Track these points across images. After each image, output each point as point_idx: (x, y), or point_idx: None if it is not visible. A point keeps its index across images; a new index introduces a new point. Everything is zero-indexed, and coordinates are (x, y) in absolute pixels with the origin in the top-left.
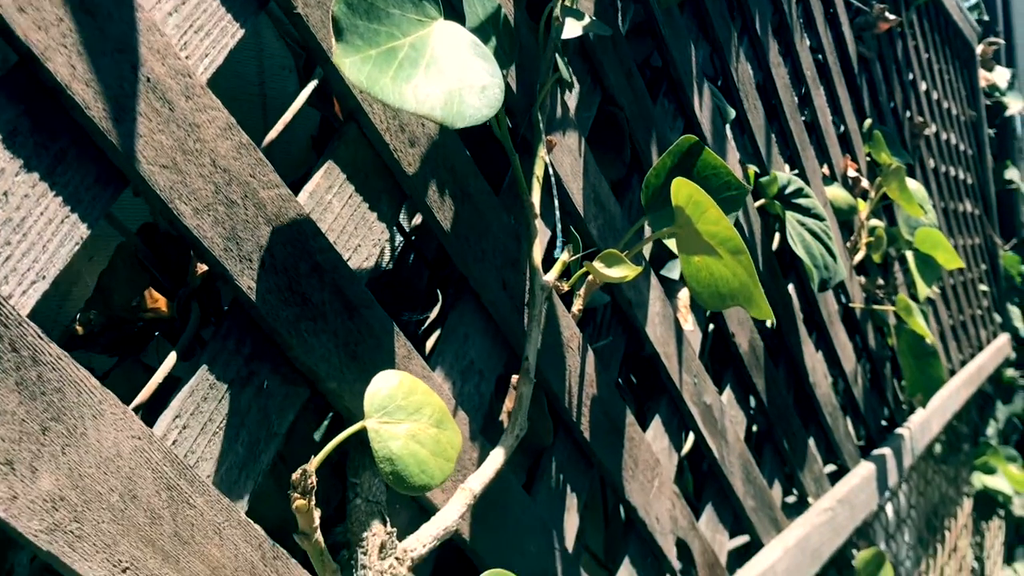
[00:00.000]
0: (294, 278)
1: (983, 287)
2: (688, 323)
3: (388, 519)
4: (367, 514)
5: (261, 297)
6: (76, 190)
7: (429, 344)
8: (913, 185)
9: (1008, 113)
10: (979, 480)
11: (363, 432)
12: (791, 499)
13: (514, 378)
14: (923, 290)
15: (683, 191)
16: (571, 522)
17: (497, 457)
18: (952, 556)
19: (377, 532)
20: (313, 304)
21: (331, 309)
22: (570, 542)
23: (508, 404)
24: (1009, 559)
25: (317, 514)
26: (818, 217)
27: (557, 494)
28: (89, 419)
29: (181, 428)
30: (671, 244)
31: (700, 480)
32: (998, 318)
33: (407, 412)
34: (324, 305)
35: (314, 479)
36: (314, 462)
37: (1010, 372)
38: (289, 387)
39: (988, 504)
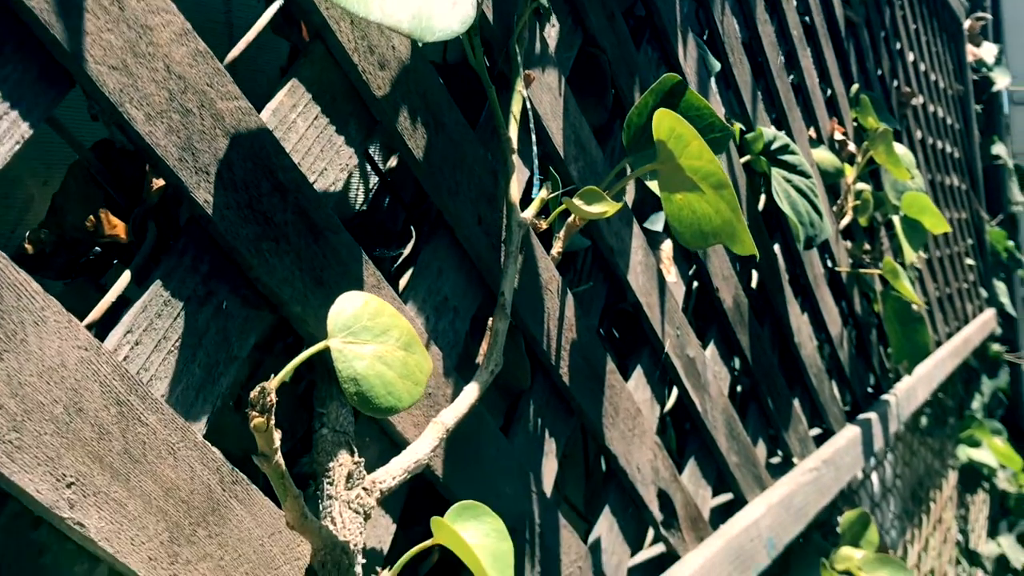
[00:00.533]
0: (255, 196)
1: (969, 261)
2: (671, 275)
3: (356, 450)
4: (333, 444)
5: (219, 212)
6: (16, 86)
7: (402, 283)
8: (900, 149)
9: (995, 88)
10: (964, 453)
11: (329, 361)
12: (775, 460)
13: (491, 320)
14: (910, 255)
15: (665, 123)
16: (549, 467)
17: (471, 392)
18: (937, 528)
19: (344, 462)
20: (275, 224)
21: (294, 231)
22: (548, 487)
23: (484, 346)
24: (993, 532)
25: (277, 435)
26: (804, 174)
27: (535, 438)
28: (30, 325)
29: (133, 344)
30: (653, 186)
31: (682, 438)
32: (984, 293)
33: (373, 333)
34: (287, 226)
35: (273, 397)
36: (274, 381)
37: (996, 347)
38: (250, 310)
39: (973, 477)
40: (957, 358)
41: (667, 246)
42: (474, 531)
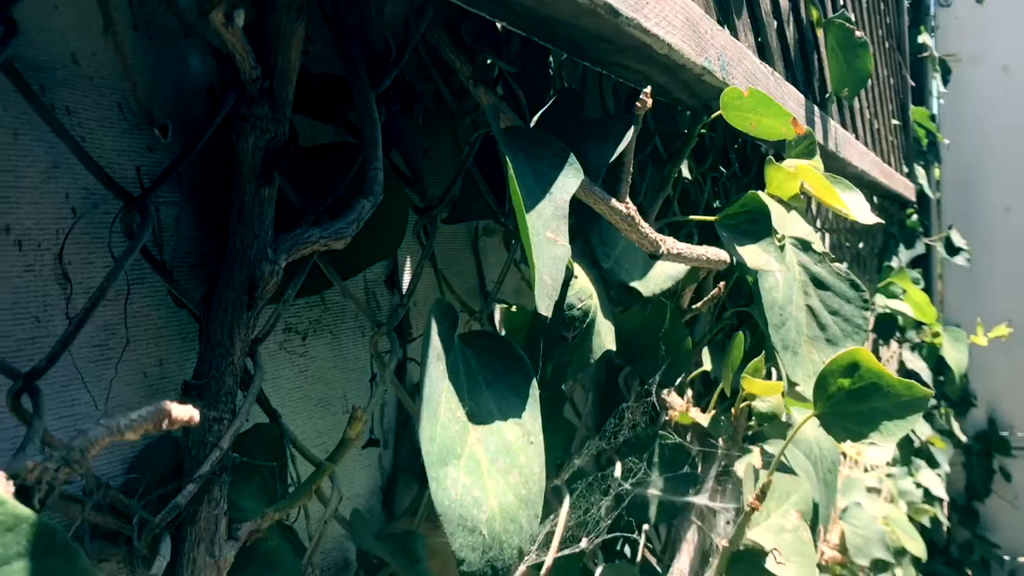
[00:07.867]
0: None
1: (895, 122)
2: None
3: None
4: None
5: None
6: None
7: None
8: None
9: None
10: (882, 302)
11: None
12: None
13: None
14: None
15: None
16: None
17: None
18: None
19: None
20: None
21: None
22: None
23: None
24: None
25: None
26: None
27: None
28: None
29: None
30: None
31: None
32: (905, 169)
33: None
34: None
35: None
36: None
37: (914, 219)
38: None
39: (888, 327)
40: (884, 178)
41: None
42: None
